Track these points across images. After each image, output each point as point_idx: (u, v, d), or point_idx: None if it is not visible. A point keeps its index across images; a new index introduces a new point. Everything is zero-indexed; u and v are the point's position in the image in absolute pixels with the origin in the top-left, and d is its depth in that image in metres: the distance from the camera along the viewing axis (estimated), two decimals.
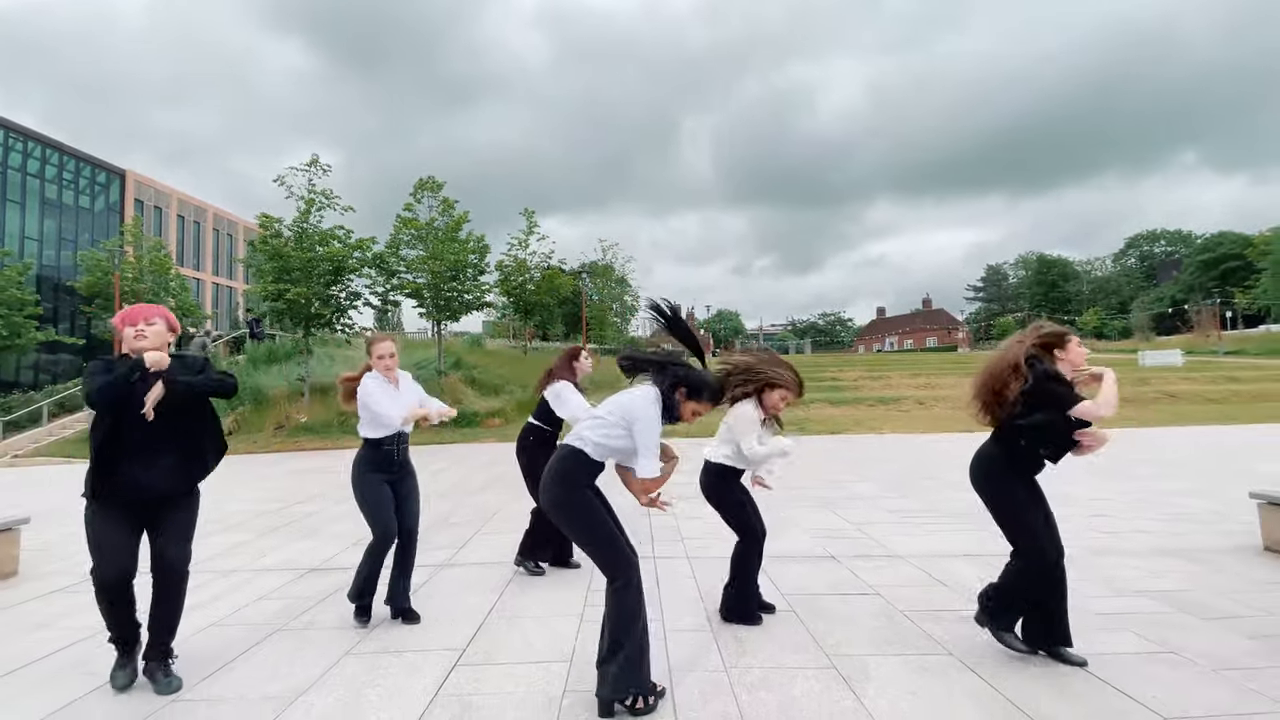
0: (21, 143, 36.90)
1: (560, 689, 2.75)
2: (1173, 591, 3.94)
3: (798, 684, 2.76)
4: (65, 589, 4.57)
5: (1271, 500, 4.92)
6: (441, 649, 3.24)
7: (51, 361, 34.90)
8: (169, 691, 2.80)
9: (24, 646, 3.46)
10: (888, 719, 2.47)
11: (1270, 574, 4.30)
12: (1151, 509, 6.42)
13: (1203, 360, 33.71)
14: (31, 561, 5.27)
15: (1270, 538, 4.95)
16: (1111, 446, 3.17)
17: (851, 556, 4.84)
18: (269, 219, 18.27)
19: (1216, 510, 6.23)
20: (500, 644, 3.31)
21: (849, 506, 6.72)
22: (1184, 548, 4.97)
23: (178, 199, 47.38)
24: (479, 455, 12.53)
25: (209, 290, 48.81)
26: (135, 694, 2.82)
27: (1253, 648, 3.10)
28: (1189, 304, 54.85)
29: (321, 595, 4.22)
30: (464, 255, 21.01)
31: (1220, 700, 2.59)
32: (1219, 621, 3.44)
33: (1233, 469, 8.85)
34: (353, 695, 2.76)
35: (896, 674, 2.85)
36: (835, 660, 3.00)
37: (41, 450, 16.14)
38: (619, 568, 2.52)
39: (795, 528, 5.83)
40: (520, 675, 2.92)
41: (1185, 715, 2.48)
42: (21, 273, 23.42)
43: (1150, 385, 24.31)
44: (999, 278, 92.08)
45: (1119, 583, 4.12)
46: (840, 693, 2.68)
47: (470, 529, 6.10)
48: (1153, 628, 3.36)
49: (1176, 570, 4.39)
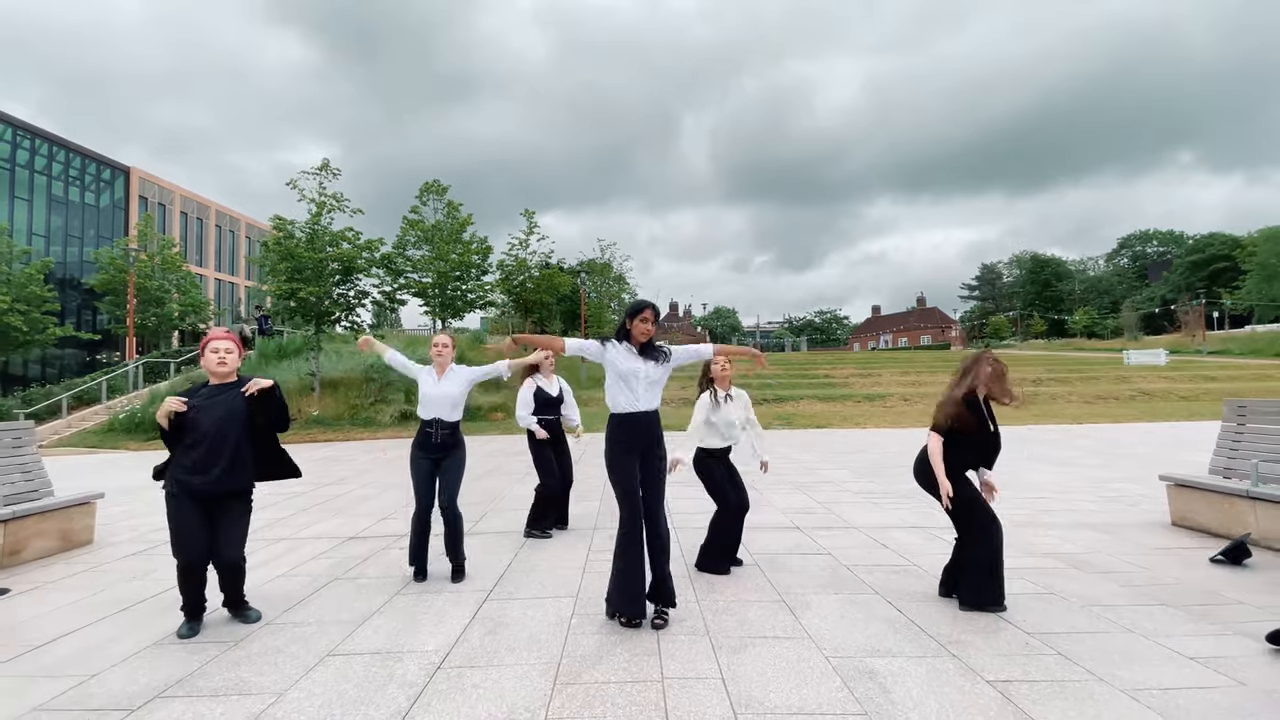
0: (29, 140, 37.47)
1: (569, 613, 3.58)
2: (1074, 553, 4.76)
3: (752, 610, 3.59)
4: (139, 553, 5.36)
5: (1178, 482, 5.74)
6: (473, 590, 4.05)
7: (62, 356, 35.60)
8: (251, 621, 3.57)
9: (129, 590, 4.25)
10: (816, 631, 3.28)
11: (1164, 542, 5.11)
12: (1087, 492, 7.24)
13: (1186, 360, 34.60)
14: (102, 532, 6.06)
15: (1176, 514, 5.76)
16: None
17: (813, 528, 5.65)
18: (282, 221, 19.03)
19: (1145, 494, 7.05)
20: (520, 585, 4.13)
21: (819, 489, 7.54)
22: (1101, 523, 5.78)
23: (180, 196, 47.98)
24: (483, 446, 13.32)
25: (211, 286, 49.40)
26: (233, 623, 3.62)
27: (1120, 592, 3.91)
28: (1177, 304, 55.78)
29: (365, 556, 5.01)
30: (468, 256, 21.83)
31: (1077, 623, 3.41)
32: (1102, 574, 4.26)
33: (1177, 459, 9.68)
34: (408, 620, 3.56)
35: (831, 605, 3.67)
36: (785, 596, 3.82)
37: (64, 441, 16.89)
38: (621, 516, 3.43)
39: (769, 506, 6.64)
40: (537, 605, 3.74)
41: (1047, 632, 3.29)
42: (41, 270, 24.09)
43: (1129, 384, 25.20)
44: (993, 276, 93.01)
45: (1032, 547, 4.94)
46: (784, 616, 3.50)
47: (483, 507, 6.88)
48: (1043, 576, 4.18)
49: (1085, 538, 5.20)
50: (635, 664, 2.92)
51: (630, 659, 2.98)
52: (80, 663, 3.10)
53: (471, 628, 3.41)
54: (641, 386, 3.47)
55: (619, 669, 2.87)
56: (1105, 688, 2.67)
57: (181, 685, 2.81)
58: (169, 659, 3.11)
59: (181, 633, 3.40)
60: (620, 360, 3.49)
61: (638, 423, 3.46)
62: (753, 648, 3.09)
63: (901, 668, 2.86)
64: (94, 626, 3.59)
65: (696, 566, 4.39)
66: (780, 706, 2.53)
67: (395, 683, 2.79)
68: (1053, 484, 7.80)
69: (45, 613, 3.85)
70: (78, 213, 40.46)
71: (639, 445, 3.46)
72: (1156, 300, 64.62)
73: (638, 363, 3.48)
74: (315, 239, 18.91)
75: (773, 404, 21.68)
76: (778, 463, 9.88)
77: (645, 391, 3.48)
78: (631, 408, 3.47)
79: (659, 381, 3.54)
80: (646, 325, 3.51)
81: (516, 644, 3.18)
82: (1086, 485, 7.72)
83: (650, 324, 3.52)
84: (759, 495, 7.19)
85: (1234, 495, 5.12)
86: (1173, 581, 4.08)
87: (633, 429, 3.46)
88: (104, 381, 20.79)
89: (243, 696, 2.70)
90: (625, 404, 3.48)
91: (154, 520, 6.70)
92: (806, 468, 9.35)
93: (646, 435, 3.46)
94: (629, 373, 3.46)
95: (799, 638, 3.21)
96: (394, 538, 5.58)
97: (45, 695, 2.76)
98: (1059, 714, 2.45)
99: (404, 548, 5.19)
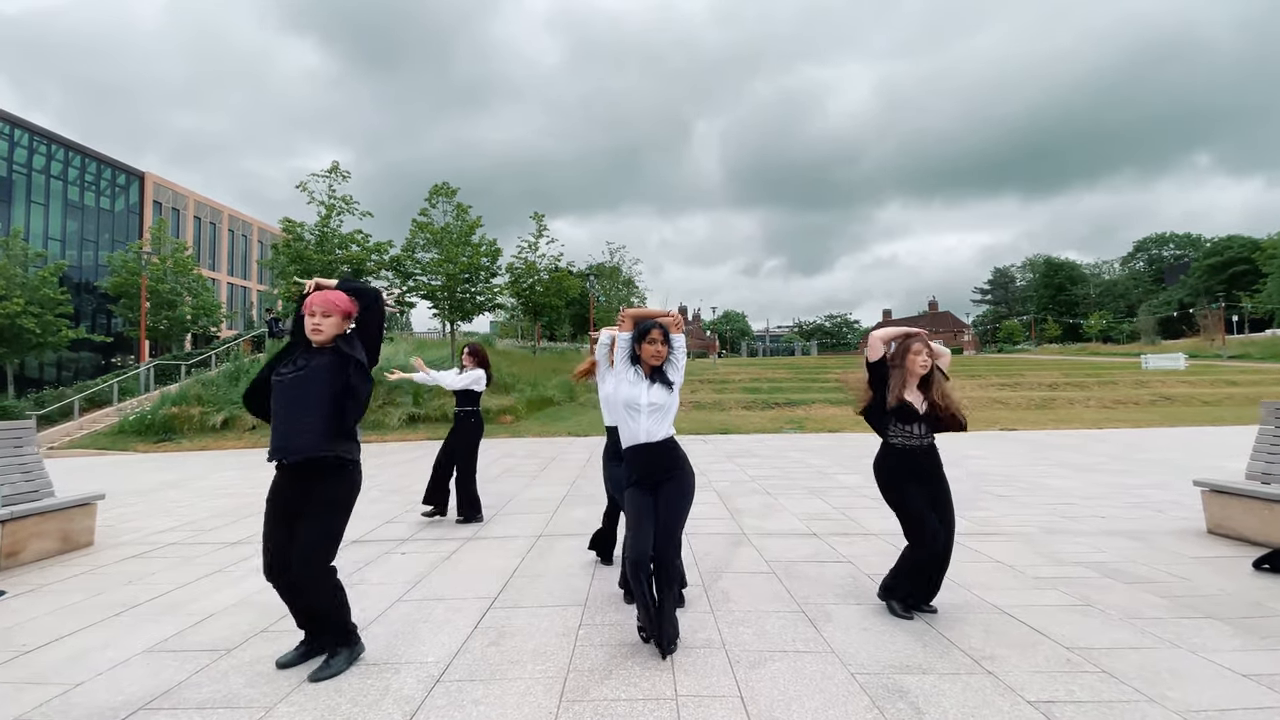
0: (45, 145, 37.97)
1: (577, 623, 3.39)
2: (1107, 562, 4.52)
3: (770, 621, 3.39)
4: (139, 555, 5.24)
5: (1214, 488, 5.48)
6: (476, 597, 3.88)
7: (76, 359, 35.95)
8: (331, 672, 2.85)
9: (125, 594, 4.12)
10: (838, 645, 3.08)
11: (1200, 550, 4.86)
12: (1115, 499, 6.97)
13: (1205, 364, 33.98)
14: (105, 534, 5.95)
15: (1212, 521, 5.50)
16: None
17: (830, 534, 5.44)
18: (292, 223, 19.05)
19: (1175, 500, 6.78)
20: (525, 593, 3.95)
21: (834, 494, 7.32)
22: (1131, 530, 5.53)
23: (194, 201, 48.45)
24: (494, 449, 13.17)
25: (224, 290, 49.83)
26: (231, 628, 3.47)
27: (1161, 604, 3.68)
28: (1195, 308, 54.88)
29: (367, 560, 4.85)
30: (477, 258, 21.77)
31: (1119, 638, 3.18)
32: (1139, 584, 4.03)
33: (1203, 465, 9.36)
34: (408, 628, 3.40)
35: (852, 617, 3.46)
36: (804, 606, 3.62)
37: (75, 442, 16.93)
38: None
39: (785, 511, 6.43)
40: (543, 614, 3.56)
41: (1088, 646, 3.07)
42: (54, 273, 24.29)
43: (1149, 388, 24.72)
44: (1006, 280, 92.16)
45: (1062, 556, 4.71)
46: (804, 627, 3.30)
47: (493, 510, 6.71)
48: (1078, 587, 3.95)
49: (1117, 547, 4.96)
50: (647, 680, 2.73)
51: (641, 674, 2.79)
52: (68, 670, 2.96)
53: (474, 638, 3.24)
54: (644, 414, 3.08)
55: (629, 685, 2.69)
56: (1157, 709, 2.45)
57: (167, 697, 2.66)
58: (158, 668, 2.96)
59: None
60: (624, 388, 3.13)
61: (648, 454, 3.09)
62: (772, 662, 2.89)
63: (934, 686, 2.65)
64: (86, 631, 3.46)
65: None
66: None
67: (391, 697, 2.62)
68: (1077, 490, 7.53)
69: (39, 616, 3.73)
70: (93, 217, 40.94)
71: (651, 477, 3.09)
72: (1174, 304, 63.63)
73: (641, 389, 3.11)
74: (325, 241, 18.92)
75: (784, 408, 21.41)
76: (791, 466, 9.66)
77: (649, 420, 3.09)
78: (634, 440, 3.12)
79: (665, 408, 3.12)
80: (656, 348, 3.12)
81: (521, 656, 3.01)
82: (1112, 491, 7.44)
83: (660, 344, 3.13)
84: (773, 501, 6.99)
85: (1275, 501, 4.86)
86: (1216, 592, 3.84)
87: (643, 461, 3.09)
88: (115, 384, 20.88)
89: (230, 710, 2.54)
90: (628, 435, 3.13)
91: (157, 523, 6.60)
92: (819, 472, 9.12)
93: (660, 466, 3.09)
94: (630, 401, 3.09)
95: (821, 652, 3.00)
96: (396, 542, 5.43)
97: (30, 703, 2.62)
98: None
99: (405, 553, 5.05)
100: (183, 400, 18.22)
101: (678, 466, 3.14)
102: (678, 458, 3.16)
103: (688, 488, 3.15)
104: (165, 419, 17.32)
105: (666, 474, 3.11)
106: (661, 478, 3.11)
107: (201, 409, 17.66)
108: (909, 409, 3.43)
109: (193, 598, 4.03)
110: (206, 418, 17.33)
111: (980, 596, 3.77)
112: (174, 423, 17.27)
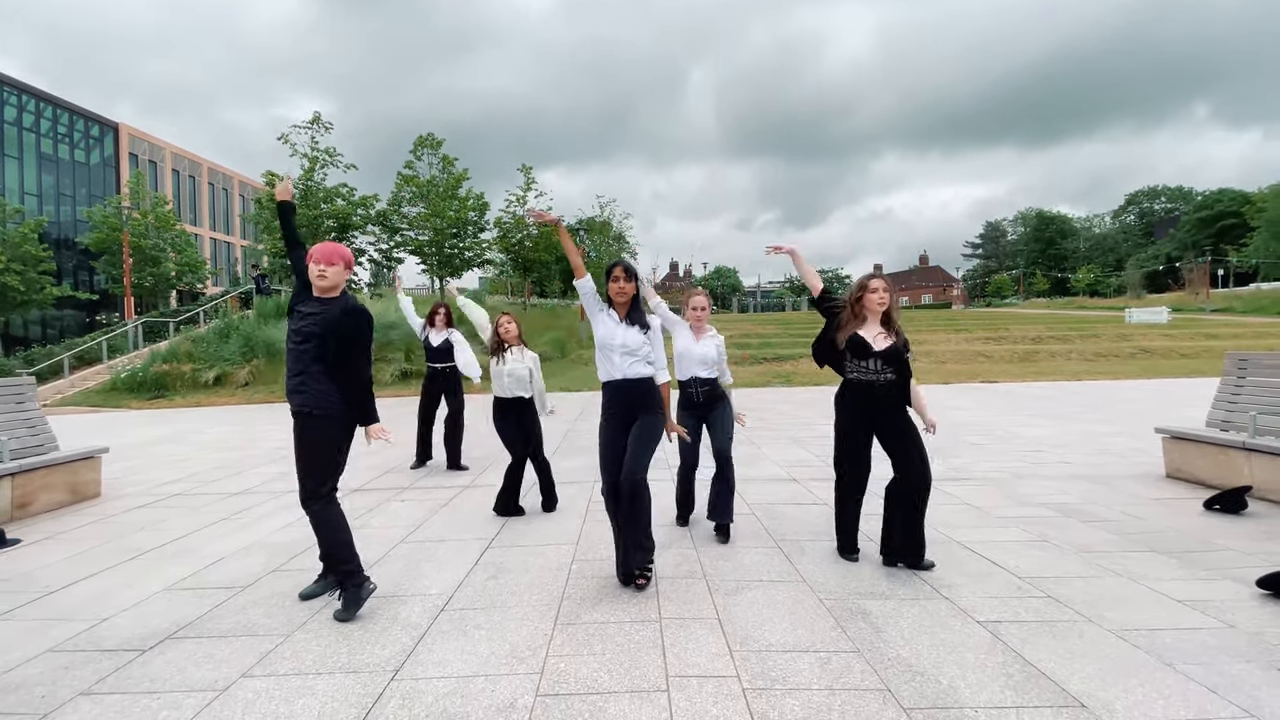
0: (15, 95, 36.58)
1: (570, 559, 3.64)
2: (1068, 503, 4.82)
3: (748, 555, 3.65)
4: (147, 505, 5.44)
5: (1173, 434, 5.77)
6: (475, 539, 4.12)
7: (61, 316, 35.55)
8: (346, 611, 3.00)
9: (138, 540, 4.33)
10: (810, 575, 3.35)
11: (1157, 493, 5.16)
12: (1083, 446, 7.30)
13: (1189, 318, 34.46)
14: (109, 487, 6.14)
15: (1171, 466, 5.81)
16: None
17: (809, 479, 5.72)
18: (275, 176, 18.69)
19: (1139, 447, 7.10)
20: (521, 534, 4.20)
21: (816, 444, 7.60)
22: (1095, 474, 5.84)
23: (172, 153, 47.09)
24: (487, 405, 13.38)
25: (207, 245, 48.91)
26: (244, 569, 3.69)
27: (1112, 539, 3.97)
28: (1182, 262, 55.25)
29: (370, 507, 5.08)
30: (464, 212, 21.54)
31: (1068, 569, 3.46)
32: (1095, 523, 4.32)
33: (1172, 415, 9.72)
34: (412, 566, 3.63)
35: (825, 551, 3.73)
36: (780, 543, 3.88)
37: (68, 400, 16.98)
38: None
39: (768, 460, 6.70)
40: (539, 552, 3.81)
41: (1039, 576, 3.35)
42: (34, 229, 23.82)
43: (1130, 341, 25.16)
44: (997, 234, 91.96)
45: (1026, 498, 5.00)
46: (779, 561, 3.56)
47: (485, 461, 6.94)
48: (1038, 526, 4.24)
49: (1079, 489, 5.26)
50: (634, 606, 2.99)
51: (629, 601, 3.04)
52: (92, 607, 3.17)
53: (474, 573, 3.48)
54: (617, 355, 3.23)
55: (618, 610, 2.94)
56: (1094, 628, 2.73)
57: (191, 628, 2.88)
58: (179, 604, 3.18)
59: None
60: (600, 326, 3.30)
61: (619, 389, 3.25)
62: (749, 590, 3.15)
63: (894, 609, 2.92)
64: (105, 574, 3.67)
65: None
66: (775, 645, 2.59)
67: (399, 624, 2.86)
68: (1049, 438, 7.86)
69: (57, 561, 3.93)
70: (68, 170, 39.82)
71: (621, 415, 3.25)
72: (1161, 258, 63.95)
73: (616, 329, 3.25)
74: (309, 195, 18.63)
75: (772, 363, 21.70)
76: (776, 418, 9.94)
77: (623, 360, 3.23)
78: (608, 377, 3.29)
79: (637, 351, 3.24)
80: (619, 285, 3.26)
81: (518, 588, 3.25)
82: (1083, 439, 7.77)
83: (623, 282, 3.26)
84: (757, 450, 7.26)
85: (1230, 447, 5.15)
86: (1165, 529, 4.14)
87: (613, 395, 3.27)
88: (104, 341, 20.79)
89: (251, 637, 2.76)
90: (604, 373, 3.31)
91: (161, 474, 6.78)
92: (805, 423, 9.41)
93: (629, 404, 3.24)
94: (604, 340, 3.26)
95: (794, 581, 3.27)
96: (396, 490, 5.66)
97: (60, 637, 2.83)
98: (1047, 652, 2.51)
99: (405, 500, 5.28)
100: (173, 357, 18.22)
101: (649, 410, 3.25)
102: (652, 402, 3.27)
103: (657, 430, 3.27)
104: (157, 376, 17.36)
105: (634, 414, 3.24)
106: (629, 418, 3.24)
107: (193, 365, 17.69)
108: (863, 345, 3.50)
109: (205, 542, 4.25)
110: (198, 374, 17.39)
111: (946, 534, 4.04)
112: (166, 380, 17.32)
